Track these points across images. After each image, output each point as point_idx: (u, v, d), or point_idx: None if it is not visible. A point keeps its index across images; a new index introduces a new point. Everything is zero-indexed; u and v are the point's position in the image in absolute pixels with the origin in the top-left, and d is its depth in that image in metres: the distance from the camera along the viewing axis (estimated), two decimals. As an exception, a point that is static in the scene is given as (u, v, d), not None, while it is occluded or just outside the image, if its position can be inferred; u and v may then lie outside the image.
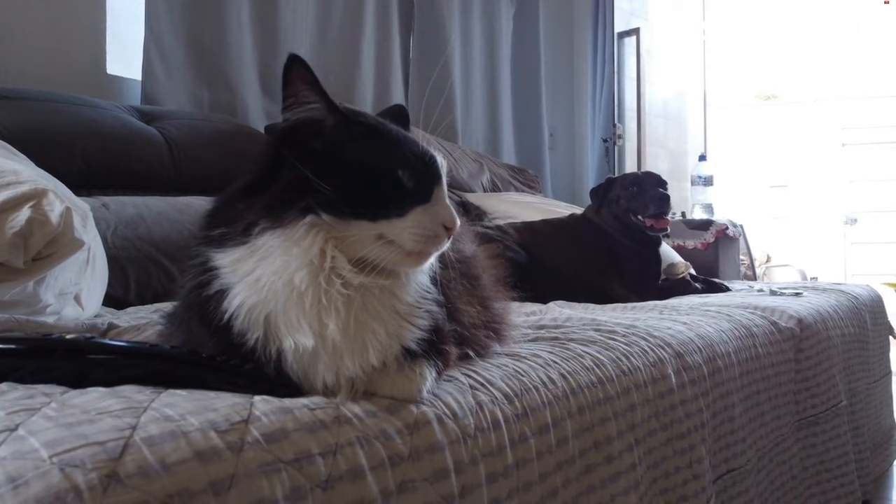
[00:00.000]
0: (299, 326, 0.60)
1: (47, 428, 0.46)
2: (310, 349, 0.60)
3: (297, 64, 0.64)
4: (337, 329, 0.60)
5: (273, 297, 0.61)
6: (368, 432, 0.58)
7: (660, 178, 2.17)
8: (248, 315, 0.61)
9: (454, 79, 3.41)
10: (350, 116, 0.67)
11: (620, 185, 2.15)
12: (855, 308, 2.06)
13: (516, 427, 0.72)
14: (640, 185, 2.12)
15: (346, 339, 0.61)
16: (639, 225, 2.09)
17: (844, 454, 1.67)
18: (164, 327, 0.79)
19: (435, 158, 0.68)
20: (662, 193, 2.08)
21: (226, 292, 0.63)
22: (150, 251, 1.70)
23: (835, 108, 7.61)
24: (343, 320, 0.61)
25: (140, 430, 0.47)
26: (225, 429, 0.50)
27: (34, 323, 0.94)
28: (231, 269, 0.63)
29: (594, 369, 0.91)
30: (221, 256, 0.64)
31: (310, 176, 0.62)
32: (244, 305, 0.62)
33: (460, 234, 0.93)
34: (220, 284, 0.63)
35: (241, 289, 0.62)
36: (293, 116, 0.65)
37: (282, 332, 0.61)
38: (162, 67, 2.31)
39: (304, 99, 0.65)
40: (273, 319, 0.61)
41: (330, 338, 0.60)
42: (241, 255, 0.63)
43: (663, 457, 0.99)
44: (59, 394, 0.54)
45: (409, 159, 0.66)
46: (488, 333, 0.86)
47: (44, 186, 1.02)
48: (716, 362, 1.20)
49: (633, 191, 2.11)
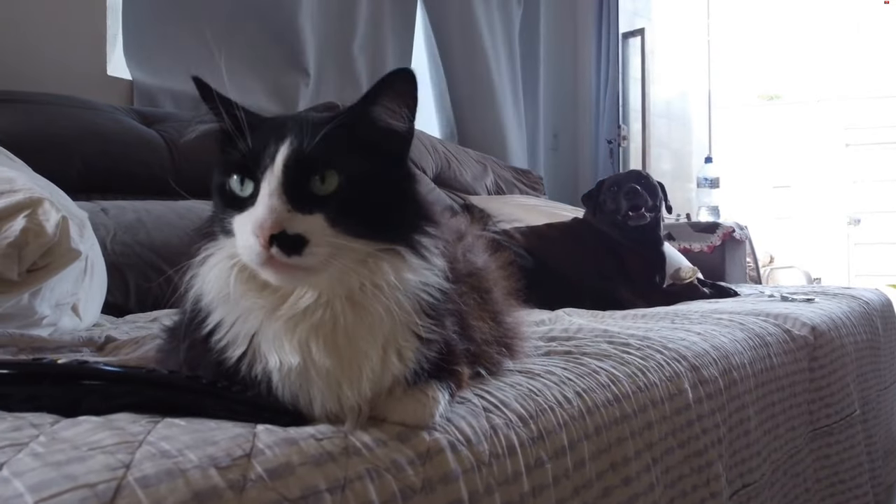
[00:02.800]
0: (281, 344, 0.57)
1: (33, 468, 0.42)
2: (296, 368, 0.57)
3: (200, 83, 0.62)
4: (321, 352, 0.57)
5: (245, 314, 0.59)
6: (379, 463, 0.55)
7: (638, 174, 2.17)
8: (230, 330, 0.60)
9: (456, 78, 3.38)
10: (242, 124, 0.61)
11: (605, 187, 2.17)
12: (867, 314, 2.03)
13: (532, 451, 0.69)
14: (619, 184, 2.13)
15: (338, 364, 0.58)
16: (624, 223, 2.07)
17: (858, 465, 1.63)
18: (164, 342, 0.75)
19: (269, 144, 0.58)
20: (632, 188, 2.07)
21: (205, 309, 0.61)
22: (150, 257, 1.67)
23: (838, 109, 7.58)
24: (325, 342, 0.58)
25: (134, 468, 0.44)
26: (226, 465, 0.47)
27: (28, 337, 0.90)
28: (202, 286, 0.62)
29: (610, 386, 0.87)
30: (202, 272, 0.62)
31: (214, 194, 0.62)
32: (225, 321, 0.60)
33: (471, 245, 0.90)
34: (200, 301, 0.62)
35: (215, 306, 0.60)
36: (196, 132, 0.64)
37: (264, 349, 0.58)
38: (149, 67, 2.27)
39: (214, 112, 0.63)
40: (256, 336, 0.59)
41: (319, 361, 0.57)
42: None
43: (680, 475, 0.95)
44: (48, 424, 0.51)
45: (236, 163, 0.59)
46: (500, 350, 0.82)
47: (39, 195, 0.98)
48: (731, 374, 1.17)
49: (614, 190, 2.13)
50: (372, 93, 0.60)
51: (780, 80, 7.86)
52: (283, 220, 0.54)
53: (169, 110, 2.24)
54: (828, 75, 7.55)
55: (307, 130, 0.58)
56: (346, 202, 0.57)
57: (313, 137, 0.57)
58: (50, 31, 2.07)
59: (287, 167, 0.56)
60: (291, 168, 0.56)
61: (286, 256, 0.54)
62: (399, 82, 0.60)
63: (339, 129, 0.58)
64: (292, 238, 0.54)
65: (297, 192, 0.56)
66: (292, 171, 0.56)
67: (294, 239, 0.54)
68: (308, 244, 0.54)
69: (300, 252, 0.54)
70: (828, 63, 7.54)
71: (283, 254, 0.54)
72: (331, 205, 0.56)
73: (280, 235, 0.54)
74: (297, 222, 0.55)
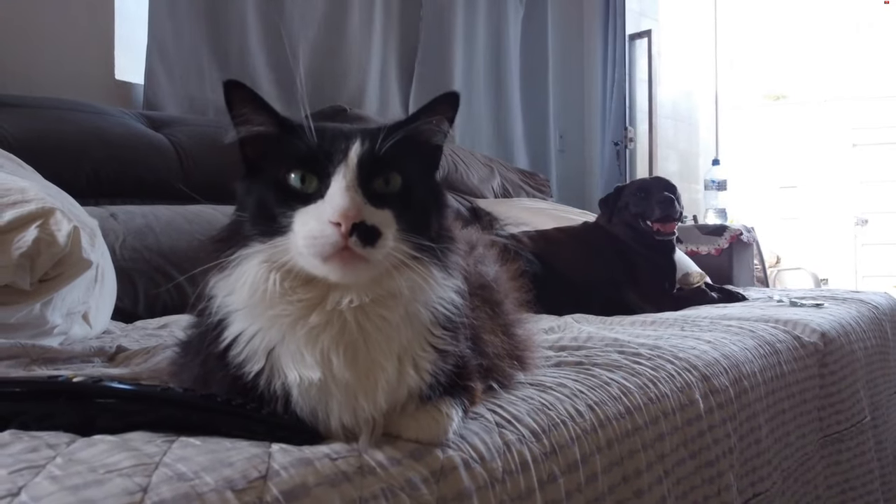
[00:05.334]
0: (301, 358, 0.57)
1: (51, 492, 0.42)
2: (316, 382, 0.57)
3: (236, 87, 0.62)
4: (342, 365, 0.57)
5: (268, 325, 0.59)
6: (393, 482, 0.54)
7: (668, 183, 2.14)
8: (248, 345, 0.59)
9: (461, 81, 3.37)
10: (288, 128, 0.62)
11: (629, 192, 2.13)
12: (876, 319, 2.02)
13: (545, 466, 0.69)
14: (647, 189, 2.10)
15: (356, 376, 0.58)
16: (647, 231, 2.06)
17: (869, 471, 1.63)
18: (177, 355, 0.75)
19: (337, 144, 0.60)
20: (667, 196, 2.05)
21: (224, 320, 0.61)
22: (159, 262, 1.68)
23: (845, 109, 7.53)
24: (346, 353, 0.57)
25: (151, 492, 0.44)
26: (242, 487, 0.47)
27: (39, 347, 0.91)
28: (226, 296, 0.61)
29: (622, 398, 0.87)
30: (219, 283, 0.61)
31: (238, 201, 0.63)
32: (244, 334, 0.59)
33: (482, 256, 0.90)
34: (220, 312, 0.61)
35: (236, 317, 0.60)
36: (236, 135, 0.64)
37: (283, 363, 0.58)
38: (164, 72, 2.28)
39: (245, 118, 0.63)
40: (275, 350, 0.59)
41: (339, 374, 0.57)
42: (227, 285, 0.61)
43: (692, 486, 0.95)
44: (64, 444, 0.51)
45: (300, 159, 0.60)
46: (512, 363, 0.82)
47: (51, 205, 0.99)
48: (742, 383, 1.16)
49: (641, 196, 2.10)
50: (425, 109, 0.65)
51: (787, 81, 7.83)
52: (363, 211, 0.56)
53: (177, 114, 2.25)
54: (835, 75, 7.52)
55: (375, 135, 0.61)
56: (405, 204, 0.60)
57: (384, 141, 0.60)
58: (58, 36, 2.07)
59: (361, 164, 0.58)
60: (365, 166, 0.59)
61: (362, 247, 0.55)
62: (446, 104, 0.65)
63: (401, 137, 0.62)
64: (370, 228, 0.56)
65: (367, 188, 0.58)
66: (365, 169, 0.59)
67: (371, 229, 0.56)
68: (382, 236, 0.56)
69: (374, 244, 0.56)
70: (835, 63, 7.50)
71: (359, 243, 0.55)
72: (394, 205, 0.59)
73: (360, 225, 0.55)
74: (372, 214, 0.57)
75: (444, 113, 0.65)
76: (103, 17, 2.18)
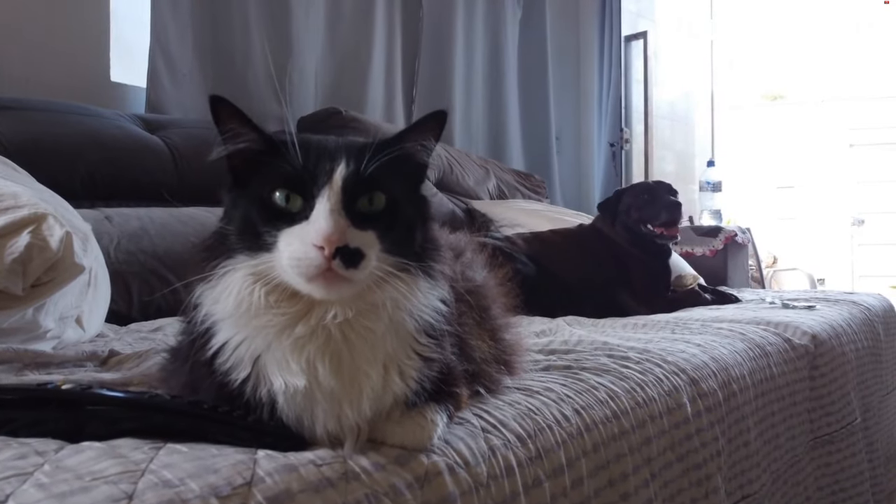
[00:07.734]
0: (287, 366, 0.58)
1: (39, 500, 0.43)
2: (301, 390, 0.58)
3: (221, 102, 0.62)
4: (327, 373, 0.58)
5: (254, 334, 0.59)
6: (377, 488, 0.55)
7: (670, 187, 2.14)
8: (234, 352, 0.60)
9: (460, 82, 3.38)
10: (273, 145, 0.63)
11: (631, 195, 2.12)
12: (868, 320, 2.03)
13: (530, 471, 0.70)
14: (652, 193, 2.10)
15: (341, 384, 0.59)
16: (649, 234, 2.06)
17: (859, 473, 1.64)
18: (166, 361, 0.76)
19: (322, 164, 0.60)
20: (674, 201, 2.06)
21: (211, 329, 0.62)
22: (154, 265, 1.68)
23: (842, 109, 7.55)
24: (331, 362, 0.58)
25: (136, 499, 0.44)
26: (227, 494, 0.48)
27: (32, 352, 0.91)
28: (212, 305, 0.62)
29: (608, 402, 0.88)
30: (205, 293, 0.62)
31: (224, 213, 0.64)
32: (230, 343, 0.60)
33: (470, 262, 0.91)
34: (207, 321, 0.62)
35: (223, 326, 0.61)
36: (224, 150, 0.64)
37: (269, 371, 0.59)
38: (167, 74, 2.29)
39: (233, 133, 0.63)
40: (261, 358, 0.59)
41: (324, 381, 0.58)
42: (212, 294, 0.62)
43: (679, 489, 0.96)
44: (52, 451, 0.52)
45: (285, 179, 0.60)
46: (499, 368, 0.83)
47: (43, 210, 0.99)
48: (731, 387, 1.17)
49: (645, 199, 2.08)
50: (413, 128, 0.66)
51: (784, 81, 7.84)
52: (346, 234, 0.57)
53: (172, 116, 2.25)
54: (832, 75, 7.53)
55: (360, 154, 0.61)
56: (389, 222, 0.61)
57: (368, 161, 0.61)
58: (53, 38, 2.08)
59: (346, 186, 0.59)
60: (349, 187, 0.59)
61: (345, 269, 0.56)
62: (434, 122, 0.66)
63: (386, 156, 0.62)
64: (353, 251, 0.57)
65: (351, 209, 0.59)
66: (349, 190, 0.59)
67: (354, 252, 0.57)
68: (365, 258, 0.57)
69: (357, 265, 0.57)
70: (832, 63, 7.51)
71: (343, 266, 0.56)
72: (378, 223, 0.60)
73: (343, 248, 0.56)
74: (356, 237, 0.58)
75: (431, 131, 0.66)
76: (98, 19, 2.19)
